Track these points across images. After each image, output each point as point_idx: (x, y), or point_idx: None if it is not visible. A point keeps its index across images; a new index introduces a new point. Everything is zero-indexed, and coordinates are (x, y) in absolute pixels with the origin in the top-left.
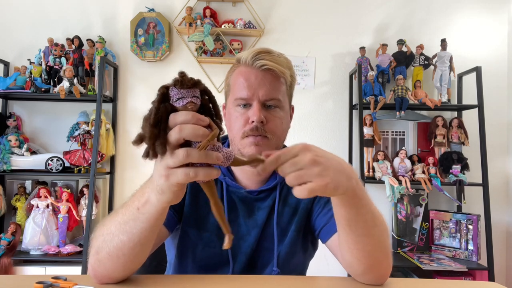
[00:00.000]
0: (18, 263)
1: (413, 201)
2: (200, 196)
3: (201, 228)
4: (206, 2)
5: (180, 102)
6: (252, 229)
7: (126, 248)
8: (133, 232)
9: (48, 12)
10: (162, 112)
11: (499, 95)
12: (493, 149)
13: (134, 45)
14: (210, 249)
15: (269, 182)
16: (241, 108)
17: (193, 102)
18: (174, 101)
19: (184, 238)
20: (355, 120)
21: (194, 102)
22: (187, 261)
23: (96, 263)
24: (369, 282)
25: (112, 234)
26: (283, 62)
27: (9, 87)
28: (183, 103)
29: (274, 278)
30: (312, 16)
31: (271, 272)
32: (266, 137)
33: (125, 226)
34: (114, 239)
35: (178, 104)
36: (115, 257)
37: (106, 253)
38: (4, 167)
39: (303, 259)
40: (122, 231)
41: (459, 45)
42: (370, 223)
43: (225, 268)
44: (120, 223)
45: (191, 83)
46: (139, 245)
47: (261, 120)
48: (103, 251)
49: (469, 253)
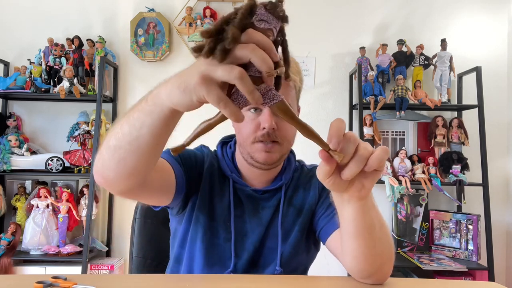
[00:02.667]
0: (18, 263)
1: (413, 201)
2: (215, 185)
3: (210, 216)
4: (206, 2)
5: (262, 24)
6: (256, 227)
7: (124, 141)
8: (135, 125)
9: (48, 12)
10: (245, 23)
11: (499, 95)
12: (493, 149)
13: (134, 45)
14: (215, 239)
15: (275, 183)
16: (251, 113)
17: (273, 32)
18: (257, 20)
19: (196, 223)
20: (355, 120)
21: (273, 33)
22: (195, 248)
23: (98, 154)
24: (370, 283)
25: (119, 123)
26: (293, 67)
27: (9, 87)
28: (264, 26)
29: (274, 277)
30: (312, 16)
31: (274, 271)
32: (277, 142)
33: (130, 116)
34: (116, 128)
35: (259, 25)
36: (112, 148)
37: (107, 142)
38: (4, 167)
39: (306, 260)
40: (126, 120)
41: (459, 45)
42: (378, 229)
43: (227, 263)
44: (128, 113)
45: (281, 14)
46: (136, 145)
47: (272, 127)
48: (105, 140)
49: (469, 253)
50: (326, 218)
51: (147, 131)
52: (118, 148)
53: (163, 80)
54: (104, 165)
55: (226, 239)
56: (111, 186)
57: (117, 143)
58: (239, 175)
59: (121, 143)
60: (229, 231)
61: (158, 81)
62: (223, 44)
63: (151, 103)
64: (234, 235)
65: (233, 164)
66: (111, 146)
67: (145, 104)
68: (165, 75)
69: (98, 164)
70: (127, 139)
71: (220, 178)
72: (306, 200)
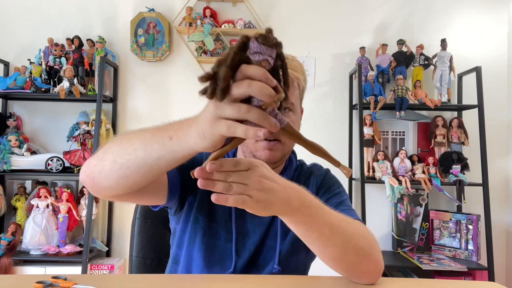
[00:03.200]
0: (18, 263)
1: (413, 201)
2: None
3: (210, 217)
4: (206, 2)
5: (256, 57)
6: (257, 228)
7: (134, 163)
8: (152, 155)
9: (48, 12)
10: (239, 59)
11: (499, 95)
12: (493, 149)
13: (134, 45)
14: (216, 240)
15: None
16: None
17: (268, 61)
18: (251, 53)
19: (195, 224)
20: (355, 120)
21: (269, 62)
22: (194, 249)
23: (96, 160)
24: (358, 282)
25: (132, 145)
26: (297, 67)
27: (9, 87)
28: (259, 58)
29: (274, 277)
30: (312, 16)
31: (272, 270)
32: (279, 140)
33: (148, 145)
34: (129, 149)
35: (254, 58)
36: (118, 164)
37: (113, 156)
38: (4, 167)
39: (305, 259)
40: (142, 147)
41: (459, 45)
42: (328, 234)
43: (227, 263)
44: (144, 141)
45: (273, 42)
46: (148, 170)
47: None
48: (111, 152)
49: (469, 253)
50: None
51: (165, 163)
52: (126, 168)
53: (183, 119)
54: (101, 174)
55: (227, 239)
56: (98, 191)
57: (125, 163)
58: None
59: (130, 164)
60: (230, 231)
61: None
62: (219, 85)
63: (176, 143)
64: (235, 235)
65: None
66: (117, 162)
67: (168, 142)
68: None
69: (94, 170)
70: (139, 163)
71: None
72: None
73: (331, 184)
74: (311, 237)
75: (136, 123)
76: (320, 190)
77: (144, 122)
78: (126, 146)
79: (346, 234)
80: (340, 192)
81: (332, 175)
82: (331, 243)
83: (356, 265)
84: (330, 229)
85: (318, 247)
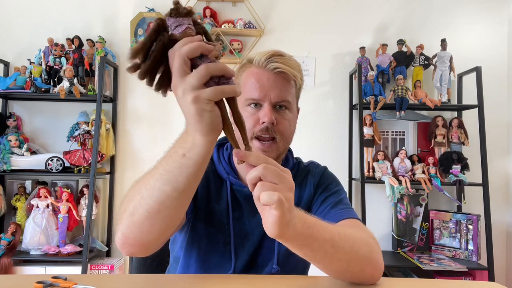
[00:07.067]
0: (18, 263)
1: (413, 201)
2: (211, 189)
3: (208, 222)
4: (206, 2)
5: (179, 29)
6: (255, 229)
7: (169, 200)
8: (179, 180)
9: (48, 12)
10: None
11: (499, 95)
12: (493, 149)
13: (134, 45)
14: (214, 244)
15: None
16: (252, 108)
17: (191, 28)
18: (173, 29)
19: (192, 231)
20: (355, 120)
21: (192, 28)
22: (191, 256)
23: (130, 227)
24: (360, 284)
25: (152, 187)
26: (295, 65)
27: (9, 87)
28: (182, 29)
29: (274, 277)
30: (312, 16)
31: (271, 270)
32: (274, 138)
33: (169, 176)
34: (154, 193)
35: (177, 31)
36: (155, 212)
37: (145, 210)
38: (4, 167)
39: (304, 259)
40: (165, 181)
41: (459, 45)
42: (331, 251)
43: (227, 265)
44: (163, 174)
45: (186, 11)
46: (183, 194)
47: (272, 121)
48: (140, 209)
49: (469, 253)
50: (320, 215)
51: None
52: (163, 209)
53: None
54: (143, 231)
55: (225, 242)
56: (148, 248)
57: (160, 206)
58: (236, 176)
59: (166, 204)
60: (228, 234)
61: None
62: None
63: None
64: (234, 237)
65: (230, 166)
66: (152, 212)
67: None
68: None
69: (134, 235)
70: (172, 195)
71: (216, 182)
72: (302, 197)
73: (329, 183)
74: (316, 258)
75: (136, 123)
76: (317, 188)
77: (144, 122)
78: (151, 194)
79: (348, 246)
80: (338, 190)
81: (330, 173)
82: (336, 259)
83: (360, 272)
84: (333, 245)
85: (324, 264)
